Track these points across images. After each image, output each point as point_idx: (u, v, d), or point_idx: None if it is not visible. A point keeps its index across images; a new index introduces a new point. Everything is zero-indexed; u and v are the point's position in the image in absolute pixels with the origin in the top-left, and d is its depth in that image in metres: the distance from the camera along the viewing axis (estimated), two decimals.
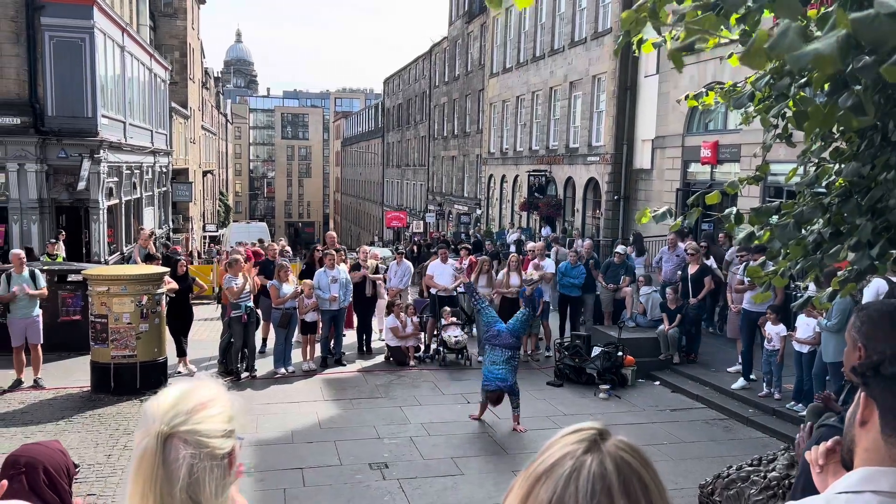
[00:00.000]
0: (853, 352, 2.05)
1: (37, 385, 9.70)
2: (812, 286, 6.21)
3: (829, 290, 3.62)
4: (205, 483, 1.34)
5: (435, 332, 12.15)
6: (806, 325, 8.61)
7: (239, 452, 1.46)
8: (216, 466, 1.36)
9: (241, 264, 10.67)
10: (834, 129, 3.26)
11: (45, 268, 11.45)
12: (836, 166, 3.35)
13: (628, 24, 3.44)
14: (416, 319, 11.99)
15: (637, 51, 3.72)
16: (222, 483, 1.38)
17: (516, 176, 28.61)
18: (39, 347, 9.79)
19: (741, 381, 9.84)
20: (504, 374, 8.20)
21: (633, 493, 0.93)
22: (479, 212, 33.54)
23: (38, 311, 9.81)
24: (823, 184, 3.42)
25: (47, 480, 2.39)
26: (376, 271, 12.56)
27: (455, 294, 12.40)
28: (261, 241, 20.86)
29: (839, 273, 3.48)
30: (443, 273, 12.33)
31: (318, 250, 12.87)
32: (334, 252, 11.70)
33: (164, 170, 28.99)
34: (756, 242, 3.39)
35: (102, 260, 17.83)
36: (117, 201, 20.45)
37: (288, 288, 10.71)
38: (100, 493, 6.48)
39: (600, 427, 1.01)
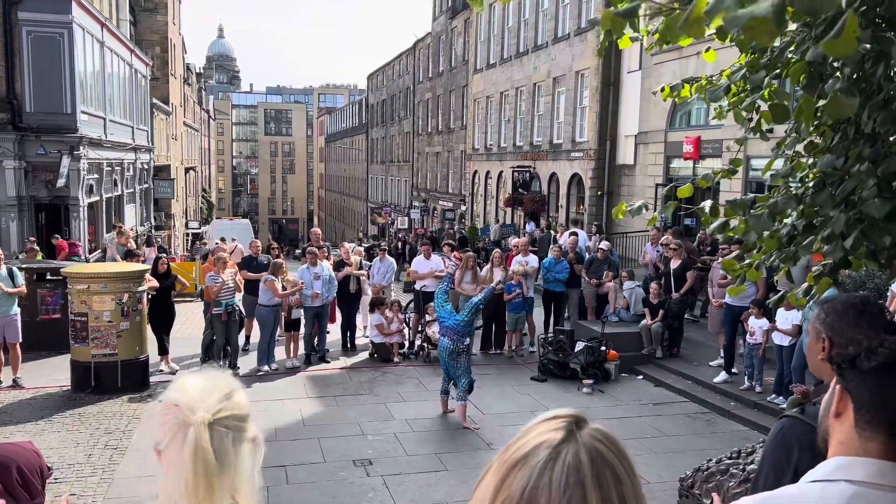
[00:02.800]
0: (816, 343, 2.08)
1: (16, 385, 9.58)
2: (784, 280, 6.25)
3: (805, 285, 3.64)
4: (245, 465, 1.39)
5: (419, 329, 12.14)
6: (784, 319, 8.70)
7: (260, 435, 1.49)
8: (253, 449, 1.42)
9: (226, 261, 10.61)
10: (808, 123, 3.28)
11: (24, 266, 11.31)
12: (811, 159, 3.37)
13: (608, 23, 3.45)
14: (401, 316, 11.97)
15: (612, 43, 3.73)
16: (258, 464, 1.43)
17: (500, 172, 28.64)
18: (18, 346, 9.67)
19: (723, 375, 9.92)
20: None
21: (605, 485, 0.93)
22: (463, 208, 33.54)
23: (16, 310, 9.69)
24: (798, 177, 3.44)
25: (20, 480, 2.36)
26: (360, 267, 12.51)
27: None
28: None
29: (814, 268, 3.51)
30: (426, 269, 12.31)
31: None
32: (316, 249, 11.65)
33: (146, 167, 28.71)
34: (730, 234, 3.41)
35: (83, 258, 17.63)
36: (98, 198, 20.24)
37: (278, 283, 10.71)
38: (80, 493, 6.41)
39: (577, 414, 1.00)
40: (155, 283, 10.34)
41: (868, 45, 2.67)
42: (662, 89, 4.12)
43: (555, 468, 0.92)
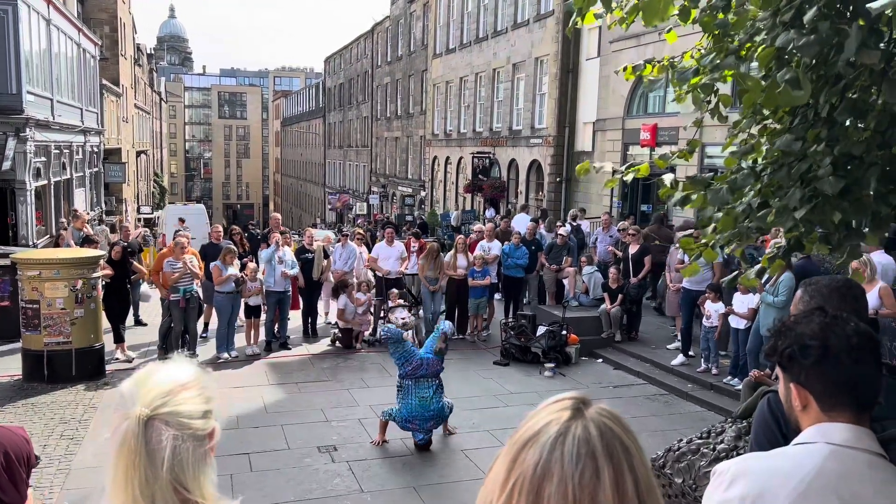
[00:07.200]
0: None
1: None
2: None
3: (757, 267, 3.76)
4: (188, 464, 1.35)
5: (382, 315, 12.09)
6: (741, 302, 8.93)
7: (218, 433, 1.46)
8: (198, 447, 1.37)
9: (185, 248, 10.38)
10: (765, 109, 3.37)
11: None
12: (771, 139, 3.46)
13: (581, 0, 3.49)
14: (369, 295, 11.87)
15: (580, 21, 3.78)
16: (204, 463, 1.39)
17: (460, 158, 28.64)
18: None
19: (680, 358, 10.15)
20: (438, 407, 7.21)
21: (615, 455, 0.97)
22: (423, 193, 33.47)
23: None
24: (756, 158, 3.54)
25: (5, 464, 2.29)
26: (325, 254, 12.35)
27: (401, 276, 12.37)
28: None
29: (767, 251, 3.62)
30: (388, 256, 12.27)
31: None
32: (279, 233, 11.50)
33: (96, 149, 27.88)
34: (690, 206, 3.50)
35: (31, 243, 17.07)
36: (46, 182, 19.58)
37: (232, 270, 10.49)
38: (36, 485, 6.24)
39: (582, 396, 1.04)
40: (109, 271, 10.08)
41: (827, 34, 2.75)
42: (625, 69, 4.18)
43: (565, 442, 0.97)
